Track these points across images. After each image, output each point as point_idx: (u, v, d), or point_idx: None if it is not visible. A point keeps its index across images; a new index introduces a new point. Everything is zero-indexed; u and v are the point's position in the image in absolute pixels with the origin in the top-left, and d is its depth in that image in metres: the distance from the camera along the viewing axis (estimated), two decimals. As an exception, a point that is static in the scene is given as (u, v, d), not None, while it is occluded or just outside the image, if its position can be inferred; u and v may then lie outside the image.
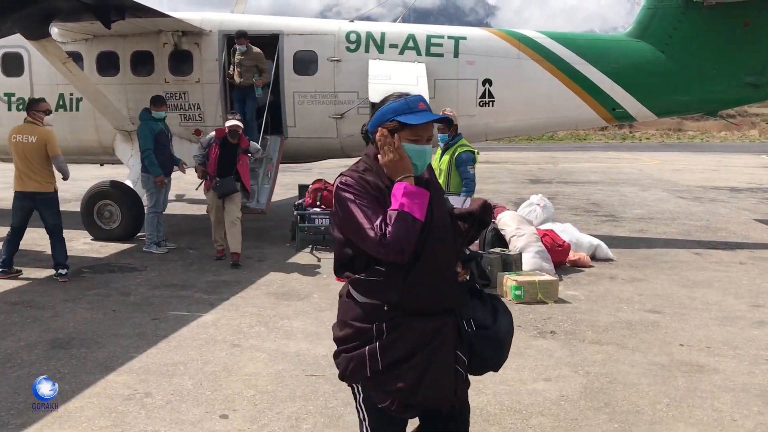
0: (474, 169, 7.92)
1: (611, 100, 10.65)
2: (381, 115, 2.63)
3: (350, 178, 2.58)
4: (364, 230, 2.47)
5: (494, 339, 2.78)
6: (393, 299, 2.55)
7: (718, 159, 30.89)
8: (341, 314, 2.71)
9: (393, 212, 2.45)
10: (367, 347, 2.57)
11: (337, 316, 2.76)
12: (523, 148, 42.31)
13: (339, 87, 10.93)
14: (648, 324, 6.48)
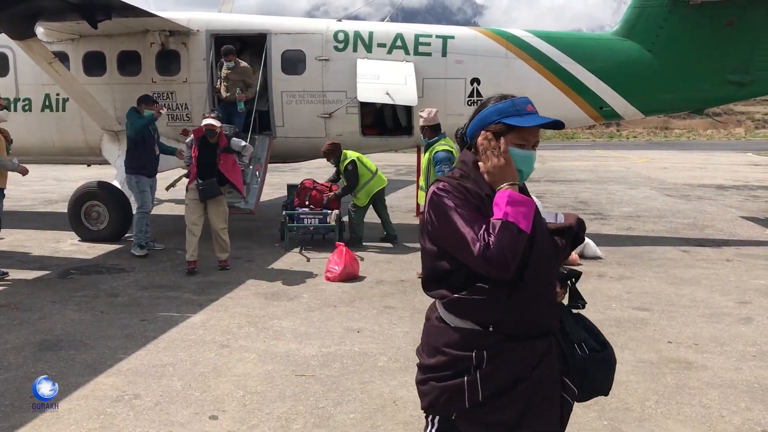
0: (449, 168, 7.75)
1: (598, 98, 10.70)
2: (484, 117, 2.41)
3: (448, 184, 2.36)
4: (465, 240, 2.22)
5: (608, 362, 2.57)
6: (498, 321, 2.31)
7: (704, 157, 31.12)
8: (432, 339, 2.43)
9: (497, 222, 2.21)
10: (466, 377, 2.31)
11: (423, 340, 2.50)
12: (511, 147, 42.37)
13: (327, 86, 10.92)
14: (636, 321, 6.51)
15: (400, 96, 10.22)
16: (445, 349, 2.37)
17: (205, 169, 8.49)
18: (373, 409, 4.55)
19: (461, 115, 10.84)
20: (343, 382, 5.03)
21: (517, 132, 2.36)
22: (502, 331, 2.31)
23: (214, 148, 8.52)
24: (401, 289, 7.79)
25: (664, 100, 10.89)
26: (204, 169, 8.49)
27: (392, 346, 5.81)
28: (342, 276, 8.11)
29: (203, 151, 8.50)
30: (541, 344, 2.35)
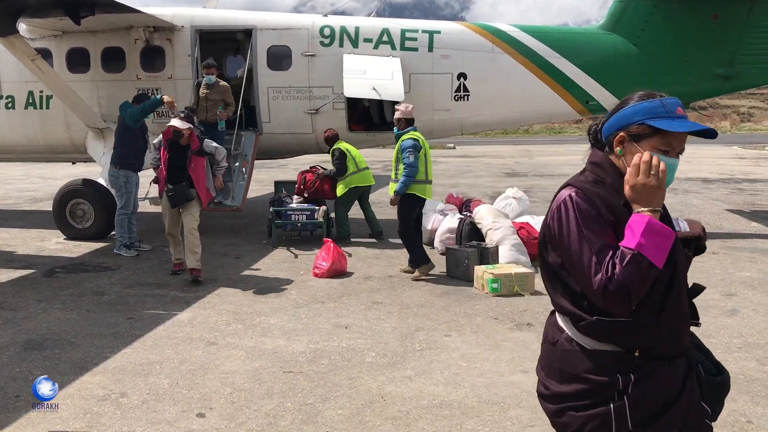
0: (414, 156, 7.83)
1: (585, 92, 10.73)
2: (626, 116, 2.14)
3: (583, 194, 2.12)
4: (586, 266, 2.02)
5: (726, 387, 2.33)
6: (647, 344, 2.10)
7: (690, 151, 31.17)
8: (565, 364, 2.19)
9: (627, 252, 1.97)
10: (612, 405, 2.09)
11: (549, 364, 2.26)
12: (499, 142, 42.52)
13: (313, 82, 10.88)
14: (623, 314, 6.53)
15: (386, 91, 10.21)
16: (585, 375, 2.14)
17: (175, 173, 7.93)
18: (361, 405, 4.55)
19: (448, 110, 10.87)
20: (331, 378, 5.02)
21: (662, 136, 2.09)
22: (649, 354, 2.11)
23: (185, 150, 7.94)
24: (389, 284, 7.79)
25: (649, 94, 10.93)
26: (173, 172, 7.94)
27: (380, 342, 5.81)
28: (330, 272, 8.09)
29: (173, 153, 7.95)
30: (681, 365, 2.16)
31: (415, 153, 7.86)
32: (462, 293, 7.38)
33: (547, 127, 54.36)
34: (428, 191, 8.18)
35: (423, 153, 8.01)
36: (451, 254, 8.21)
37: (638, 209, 2.04)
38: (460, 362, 5.33)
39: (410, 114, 8.26)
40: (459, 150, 33.74)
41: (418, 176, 7.91)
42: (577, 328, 2.17)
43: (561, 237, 2.12)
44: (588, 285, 2.02)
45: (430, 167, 8.15)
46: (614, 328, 2.09)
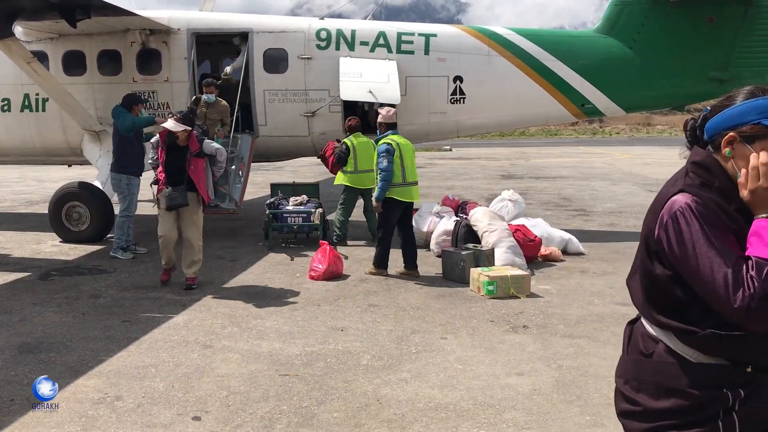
0: (388, 160, 7.95)
1: (580, 95, 10.76)
2: (737, 115, 1.96)
3: (699, 199, 1.95)
4: (719, 283, 1.84)
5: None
6: (760, 358, 1.95)
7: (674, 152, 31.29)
8: (662, 378, 2.04)
9: (764, 263, 1.80)
10: (721, 422, 1.95)
11: (640, 377, 2.11)
12: (495, 144, 42.57)
13: (310, 85, 10.90)
14: (618, 317, 6.55)
15: (383, 94, 10.22)
16: (688, 389, 1.98)
17: (174, 175, 7.59)
18: (357, 408, 4.55)
19: (444, 113, 10.89)
20: (327, 381, 5.02)
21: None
22: (760, 368, 1.96)
23: (184, 151, 7.61)
24: (385, 287, 7.79)
25: (645, 97, 10.97)
26: (172, 174, 7.60)
27: (376, 345, 5.81)
28: (326, 274, 8.09)
29: (171, 154, 7.64)
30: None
31: (388, 157, 7.95)
32: (458, 295, 7.39)
33: (543, 129, 54.47)
34: (409, 193, 8.20)
35: (398, 156, 8.05)
36: (447, 257, 8.22)
37: (760, 215, 1.89)
38: (455, 365, 5.34)
39: (391, 118, 8.37)
40: (455, 152, 33.79)
41: (394, 179, 8.00)
42: (681, 340, 2.01)
43: (682, 250, 1.93)
44: (724, 302, 1.84)
45: (409, 169, 8.17)
46: (728, 342, 1.93)
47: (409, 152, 8.25)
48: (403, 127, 10.98)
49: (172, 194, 7.53)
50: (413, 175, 8.26)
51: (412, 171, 8.22)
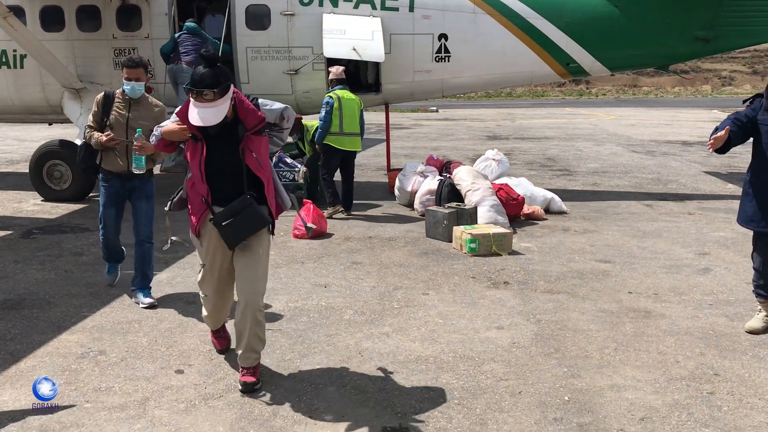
0: (325, 111, 9.03)
1: (565, 54, 10.69)
2: None
3: None
4: None
5: None
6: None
7: (671, 114, 31.42)
8: None
9: None
10: None
11: None
12: (481, 105, 42.37)
13: (293, 42, 10.74)
14: (598, 273, 6.65)
15: (366, 52, 10.11)
16: None
17: (224, 183, 4.15)
18: (339, 360, 4.61)
19: (429, 72, 10.79)
20: (310, 335, 5.08)
21: None
22: None
23: (233, 131, 4.12)
24: (369, 245, 7.83)
25: (630, 56, 10.91)
26: (221, 181, 4.15)
27: (359, 300, 5.87)
28: (310, 233, 8.11)
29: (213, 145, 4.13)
30: None
31: (326, 108, 9.01)
32: (440, 253, 7.44)
33: (529, 90, 54.24)
34: (346, 142, 9.19)
35: (337, 108, 9.02)
36: (430, 215, 8.25)
37: None
38: (436, 319, 5.41)
39: (340, 75, 9.38)
40: (441, 113, 33.61)
41: (332, 128, 9.04)
42: None
43: None
44: None
45: (348, 121, 9.10)
46: None
47: (350, 107, 9.15)
48: (387, 86, 10.95)
49: (235, 216, 4.07)
50: (352, 126, 9.17)
51: (351, 123, 9.14)
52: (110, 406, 3.97)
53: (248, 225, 4.12)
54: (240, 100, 4.07)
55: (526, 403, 4.00)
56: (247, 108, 4.08)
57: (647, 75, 55.73)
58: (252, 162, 4.13)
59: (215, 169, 4.12)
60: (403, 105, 33.77)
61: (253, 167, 4.14)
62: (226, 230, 4.08)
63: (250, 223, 4.12)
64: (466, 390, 4.17)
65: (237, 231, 4.11)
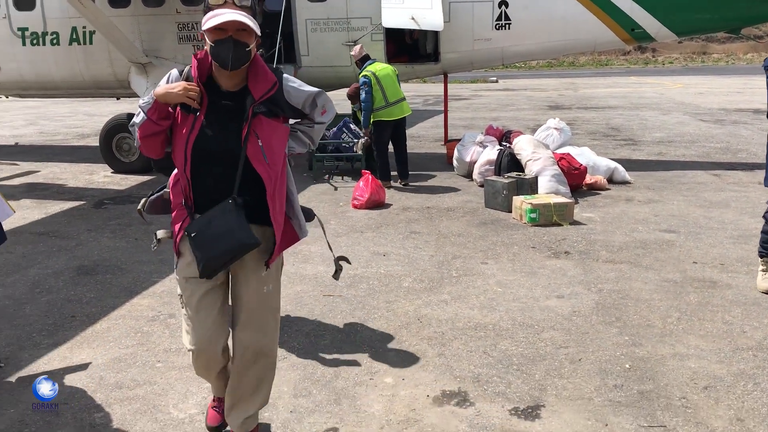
0: (365, 91, 9.01)
1: (630, 19, 10.36)
2: None
3: None
4: None
5: None
6: None
7: (743, 81, 30.15)
8: None
9: None
10: None
11: None
12: (543, 75, 41.55)
13: (352, 13, 10.75)
14: (663, 243, 6.51)
15: (425, 21, 10.04)
16: None
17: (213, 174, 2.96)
18: (398, 326, 4.69)
19: (489, 40, 10.65)
20: (369, 301, 5.17)
21: None
22: None
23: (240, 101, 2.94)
24: (427, 215, 7.86)
25: (698, 20, 10.48)
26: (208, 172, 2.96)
27: (417, 269, 5.92)
28: (368, 203, 8.19)
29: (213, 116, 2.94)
30: None
31: (365, 89, 9.00)
32: (500, 223, 7.41)
33: (593, 59, 52.88)
34: (395, 111, 9.20)
35: (375, 83, 9.03)
36: (489, 185, 8.20)
37: None
38: (495, 288, 5.42)
39: (361, 53, 9.42)
40: (501, 83, 33.14)
41: (376, 104, 9.07)
42: None
43: None
44: None
45: (390, 90, 9.11)
46: None
47: (387, 76, 9.15)
48: (446, 55, 10.86)
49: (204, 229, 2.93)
50: (395, 94, 9.17)
51: (393, 91, 9.15)
52: (180, 366, 4.15)
53: (219, 244, 2.85)
54: (255, 59, 2.95)
55: (586, 370, 3.99)
56: (259, 69, 2.96)
57: (717, 41, 53.57)
58: (254, 151, 2.89)
59: (205, 155, 2.89)
60: (462, 75, 33.43)
61: (253, 158, 2.88)
62: (195, 246, 2.90)
63: (221, 242, 2.84)
64: (525, 357, 4.19)
65: (205, 250, 2.88)
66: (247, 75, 2.95)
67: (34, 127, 18.59)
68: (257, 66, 2.96)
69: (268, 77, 2.96)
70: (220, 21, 2.77)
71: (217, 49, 2.81)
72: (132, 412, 3.64)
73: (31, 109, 23.21)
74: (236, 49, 2.80)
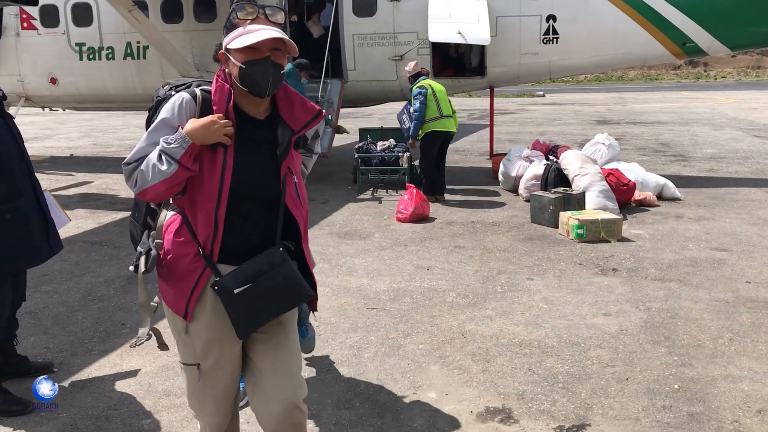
0: (419, 101, 9.02)
1: (681, 33, 10.19)
2: None
3: None
4: None
5: None
6: None
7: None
8: None
9: None
10: None
11: None
12: (590, 90, 41.05)
13: (399, 28, 10.83)
14: (714, 262, 6.36)
15: (472, 35, 10.04)
16: None
17: (244, 219, 2.53)
18: (442, 341, 4.67)
19: (536, 54, 10.61)
20: (413, 315, 5.16)
21: None
22: None
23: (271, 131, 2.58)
24: (471, 230, 7.83)
25: (752, 34, 10.24)
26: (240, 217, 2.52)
27: (461, 283, 5.89)
28: (413, 217, 8.20)
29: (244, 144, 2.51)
30: None
31: (421, 99, 9.04)
32: (546, 239, 7.34)
33: (642, 73, 52.04)
34: (446, 124, 9.23)
35: (431, 94, 9.11)
36: (536, 200, 8.13)
37: None
38: (541, 304, 5.36)
39: (415, 69, 9.50)
40: (548, 98, 32.86)
41: (430, 115, 9.13)
42: None
43: None
44: None
45: (443, 103, 9.19)
46: None
47: (440, 91, 9.27)
48: (493, 69, 10.84)
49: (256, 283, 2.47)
50: (447, 108, 9.24)
51: (445, 105, 9.22)
52: (226, 375, 4.20)
53: (279, 297, 2.51)
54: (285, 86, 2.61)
55: (633, 390, 3.91)
56: (290, 94, 2.63)
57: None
58: (291, 191, 2.57)
59: (243, 196, 2.48)
60: (508, 89, 33.27)
61: (290, 201, 2.57)
62: (239, 304, 2.45)
63: (282, 294, 2.51)
64: (571, 375, 4.13)
65: (260, 306, 2.47)
66: (275, 100, 2.59)
67: (88, 139, 19.14)
68: (287, 90, 2.62)
69: (307, 105, 2.63)
70: (256, 39, 2.40)
71: (250, 71, 2.42)
72: (179, 420, 3.71)
73: (86, 122, 23.92)
74: (274, 72, 2.45)
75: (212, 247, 2.48)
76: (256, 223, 2.53)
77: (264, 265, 2.47)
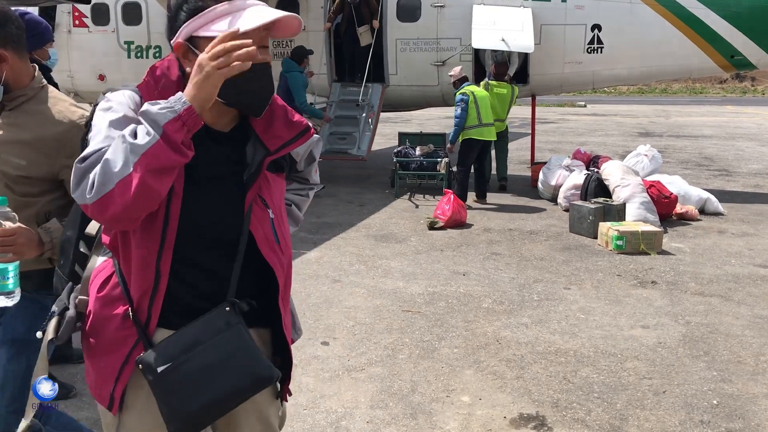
0: (461, 108, 9.04)
1: (729, 46, 10.02)
2: None
3: None
4: None
5: None
6: None
7: None
8: None
9: None
10: None
11: None
12: (633, 102, 40.51)
13: (442, 34, 10.86)
14: (757, 278, 6.23)
15: (515, 43, 10.01)
16: None
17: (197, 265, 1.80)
18: (477, 346, 4.67)
19: (580, 63, 10.54)
20: (448, 319, 5.17)
21: None
22: None
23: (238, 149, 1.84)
24: (509, 237, 7.80)
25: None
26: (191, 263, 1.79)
27: (497, 290, 5.88)
28: (449, 222, 8.20)
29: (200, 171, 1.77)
30: None
31: (462, 106, 9.04)
32: (584, 249, 7.27)
33: (686, 86, 51.16)
34: (486, 133, 9.27)
35: (473, 102, 9.08)
36: (575, 210, 8.06)
37: None
38: (578, 314, 5.32)
39: (460, 74, 9.57)
40: (589, 108, 32.51)
41: (470, 122, 9.12)
42: None
43: None
44: None
45: (484, 112, 9.18)
46: None
47: (483, 99, 9.25)
48: (535, 77, 10.79)
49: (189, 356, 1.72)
50: (488, 117, 9.27)
51: (486, 114, 9.23)
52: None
53: (224, 378, 1.72)
54: None
55: (670, 403, 3.86)
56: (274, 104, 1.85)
57: (824, 71, 50.85)
58: (264, 228, 1.85)
59: (193, 235, 1.76)
60: (550, 99, 32.99)
61: (261, 240, 1.84)
62: (165, 389, 1.71)
63: (229, 374, 1.73)
64: (607, 385, 4.09)
65: (195, 392, 1.71)
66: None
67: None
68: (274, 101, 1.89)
69: (291, 118, 1.88)
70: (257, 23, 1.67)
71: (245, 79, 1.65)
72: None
73: (130, 119, 24.42)
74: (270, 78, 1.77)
75: (150, 307, 1.74)
76: (215, 275, 1.79)
77: (200, 331, 1.72)
